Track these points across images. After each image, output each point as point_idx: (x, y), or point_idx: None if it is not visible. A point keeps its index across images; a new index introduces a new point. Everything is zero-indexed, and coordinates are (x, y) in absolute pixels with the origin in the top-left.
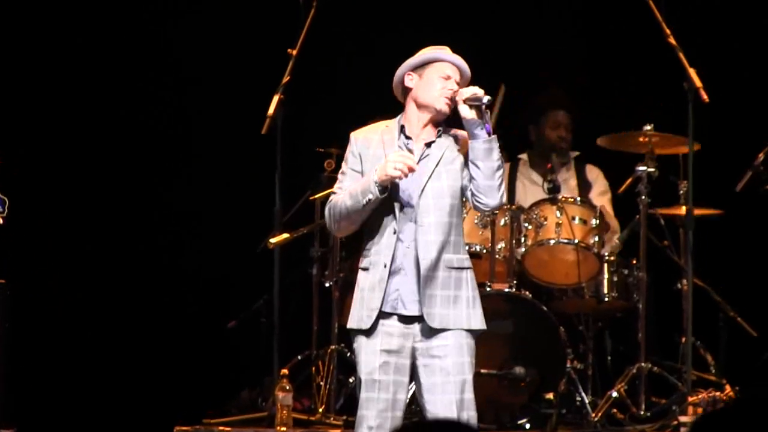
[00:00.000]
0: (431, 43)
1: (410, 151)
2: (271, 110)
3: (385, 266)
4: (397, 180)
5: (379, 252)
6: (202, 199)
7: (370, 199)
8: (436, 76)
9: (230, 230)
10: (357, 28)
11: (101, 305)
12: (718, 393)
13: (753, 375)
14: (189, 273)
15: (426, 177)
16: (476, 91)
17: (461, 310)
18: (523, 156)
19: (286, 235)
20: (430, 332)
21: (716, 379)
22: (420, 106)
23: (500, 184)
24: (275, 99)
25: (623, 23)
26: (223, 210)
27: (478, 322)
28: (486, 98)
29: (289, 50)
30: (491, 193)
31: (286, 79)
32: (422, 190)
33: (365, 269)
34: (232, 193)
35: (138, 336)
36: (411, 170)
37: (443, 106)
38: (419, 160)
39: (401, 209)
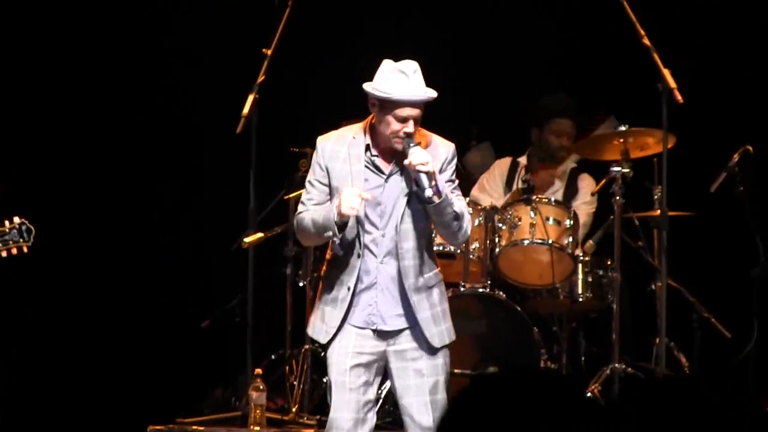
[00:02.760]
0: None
1: (377, 167)
2: (245, 110)
3: (348, 289)
4: (353, 215)
5: (343, 270)
6: (177, 198)
7: (329, 236)
8: (392, 118)
9: (205, 229)
10: (332, 29)
11: (75, 304)
12: None
13: (727, 375)
14: (163, 272)
15: (404, 200)
16: (420, 160)
17: (447, 324)
18: (523, 159)
19: (260, 235)
20: (403, 336)
21: None
22: (379, 133)
23: (457, 232)
24: (250, 99)
25: (597, 24)
26: (198, 209)
27: (452, 336)
28: (423, 175)
29: (264, 50)
30: (449, 238)
31: (261, 78)
32: (402, 215)
33: (327, 281)
34: (206, 192)
35: (112, 335)
36: (363, 200)
37: (397, 146)
38: (389, 176)
39: (377, 229)
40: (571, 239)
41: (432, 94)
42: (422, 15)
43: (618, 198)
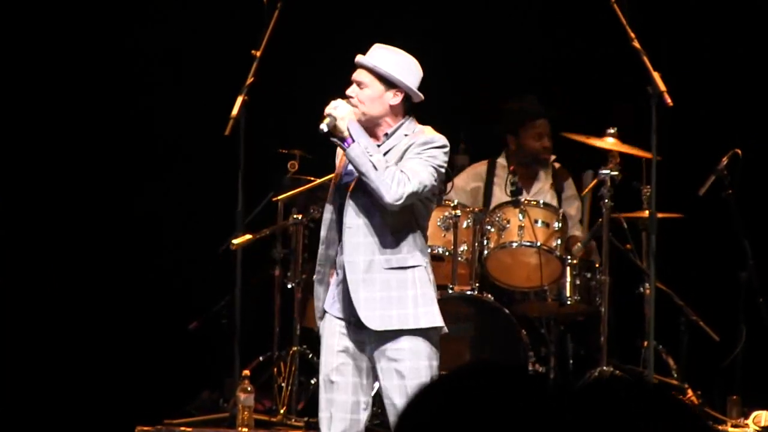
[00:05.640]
0: (396, 46)
1: None
2: (234, 111)
3: (318, 272)
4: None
5: (319, 256)
6: (165, 200)
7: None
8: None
9: (193, 231)
10: (321, 30)
11: (62, 306)
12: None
13: (715, 379)
14: (151, 273)
15: (353, 176)
16: (328, 109)
17: (407, 309)
18: (502, 160)
19: (248, 237)
20: (383, 335)
21: (678, 383)
22: None
23: (379, 187)
24: (239, 100)
25: (587, 27)
26: (186, 211)
27: (430, 320)
28: (323, 123)
29: (253, 51)
30: (375, 195)
31: (249, 80)
32: (350, 191)
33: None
34: (194, 194)
35: (100, 336)
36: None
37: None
38: None
39: (337, 212)
40: (559, 242)
41: (371, 61)
42: (412, 16)
43: (606, 201)
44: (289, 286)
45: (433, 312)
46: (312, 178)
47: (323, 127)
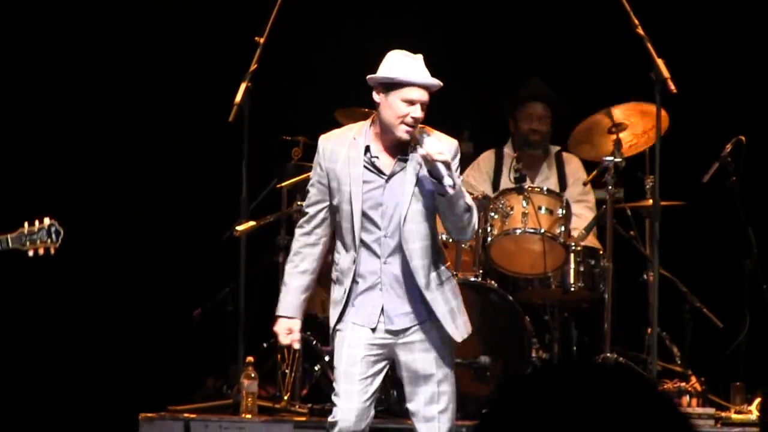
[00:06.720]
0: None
1: (377, 168)
2: (238, 98)
3: (345, 291)
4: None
5: (342, 272)
6: (169, 188)
7: None
8: (400, 100)
9: (196, 218)
10: (325, 16)
11: (66, 293)
12: (683, 383)
13: (718, 366)
14: (155, 261)
15: (407, 202)
16: (437, 149)
17: (458, 320)
18: (508, 149)
19: (252, 223)
20: (412, 329)
21: (682, 370)
22: (383, 125)
23: (467, 225)
24: (242, 87)
25: (591, 14)
26: (190, 198)
27: (468, 329)
28: (441, 165)
29: (256, 38)
30: (459, 233)
31: (253, 67)
32: (405, 217)
33: (333, 282)
34: (198, 181)
35: (104, 323)
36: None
37: (403, 135)
38: (390, 176)
39: (379, 229)
40: (563, 228)
41: (438, 82)
42: (417, 4)
43: (610, 188)
44: None
45: (467, 319)
46: None
47: (451, 182)
